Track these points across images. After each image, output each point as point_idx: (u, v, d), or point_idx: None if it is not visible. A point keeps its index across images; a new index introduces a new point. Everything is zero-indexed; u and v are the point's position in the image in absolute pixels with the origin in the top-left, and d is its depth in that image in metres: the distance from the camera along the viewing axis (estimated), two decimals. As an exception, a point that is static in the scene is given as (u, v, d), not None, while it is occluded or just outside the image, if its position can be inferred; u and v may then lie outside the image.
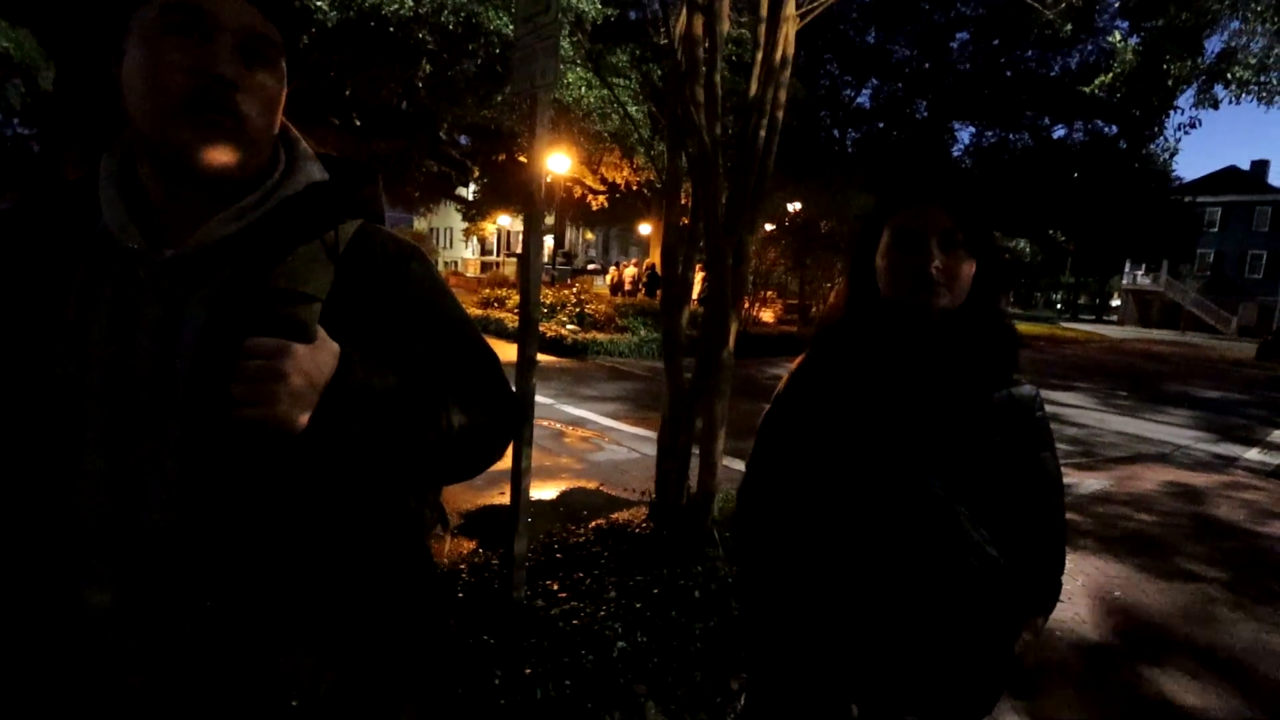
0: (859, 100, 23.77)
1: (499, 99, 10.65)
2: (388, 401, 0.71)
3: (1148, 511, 4.38)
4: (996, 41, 21.83)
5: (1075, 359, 15.36)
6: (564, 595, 2.52)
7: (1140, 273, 37.16)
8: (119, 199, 0.70)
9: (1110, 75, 7.07)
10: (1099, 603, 3.06)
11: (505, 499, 3.25)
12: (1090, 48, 20.73)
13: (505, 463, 1.28)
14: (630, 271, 18.55)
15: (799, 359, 1.11)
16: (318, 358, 0.66)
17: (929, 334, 0.96)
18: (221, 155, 0.67)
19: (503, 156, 14.59)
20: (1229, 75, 6.69)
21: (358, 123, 11.42)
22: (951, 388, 0.94)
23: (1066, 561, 1.08)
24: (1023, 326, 22.51)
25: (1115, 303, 39.91)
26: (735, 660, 2.23)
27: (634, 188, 13.76)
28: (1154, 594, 3.18)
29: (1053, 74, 21.93)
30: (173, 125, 0.65)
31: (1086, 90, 7.87)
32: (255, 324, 0.66)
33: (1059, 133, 23.67)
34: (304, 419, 0.65)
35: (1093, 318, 37.18)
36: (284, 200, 0.72)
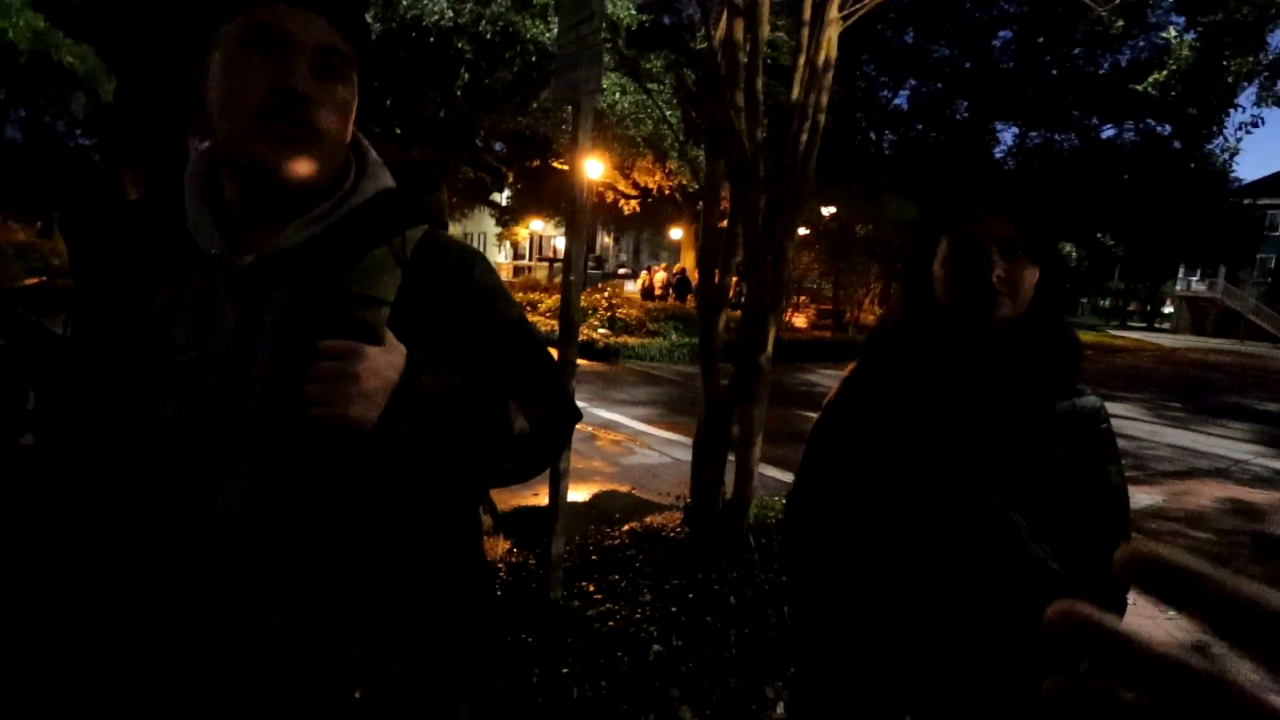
0: (896, 102, 23.39)
1: (534, 106, 10.79)
2: (453, 402, 0.73)
3: (1204, 529, 4.20)
4: (1041, 39, 21.23)
5: (1125, 368, 14.81)
6: (599, 597, 2.54)
7: (1195, 278, 35.68)
8: (202, 206, 0.73)
9: (1165, 73, 6.82)
10: (1151, 624, 2.94)
11: (539, 500, 3.28)
12: (1143, 44, 20.01)
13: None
14: (660, 276, 18.56)
15: (851, 366, 1.10)
16: (387, 359, 0.68)
17: (990, 344, 0.94)
18: (297, 165, 0.70)
19: (537, 162, 14.77)
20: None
21: (398, 131, 11.70)
22: (1013, 398, 0.92)
23: (1119, 580, 1.04)
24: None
25: (1168, 310, 38.31)
26: (771, 668, 2.22)
27: (666, 192, 13.77)
28: (1210, 613, 3.05)
29: (1102, 72, 21.22)
30: (251, 136, 0.69)
31: (1139, 89, 7.60)
32: (328, 326, 0.68)
33: (1108, 133, 22.90)
34: (374, 418, 0.67)
35: (1144, 325, 35.78)
36: (355, 207, 0.75)
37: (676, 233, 20.01)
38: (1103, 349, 19.22)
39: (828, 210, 13.80)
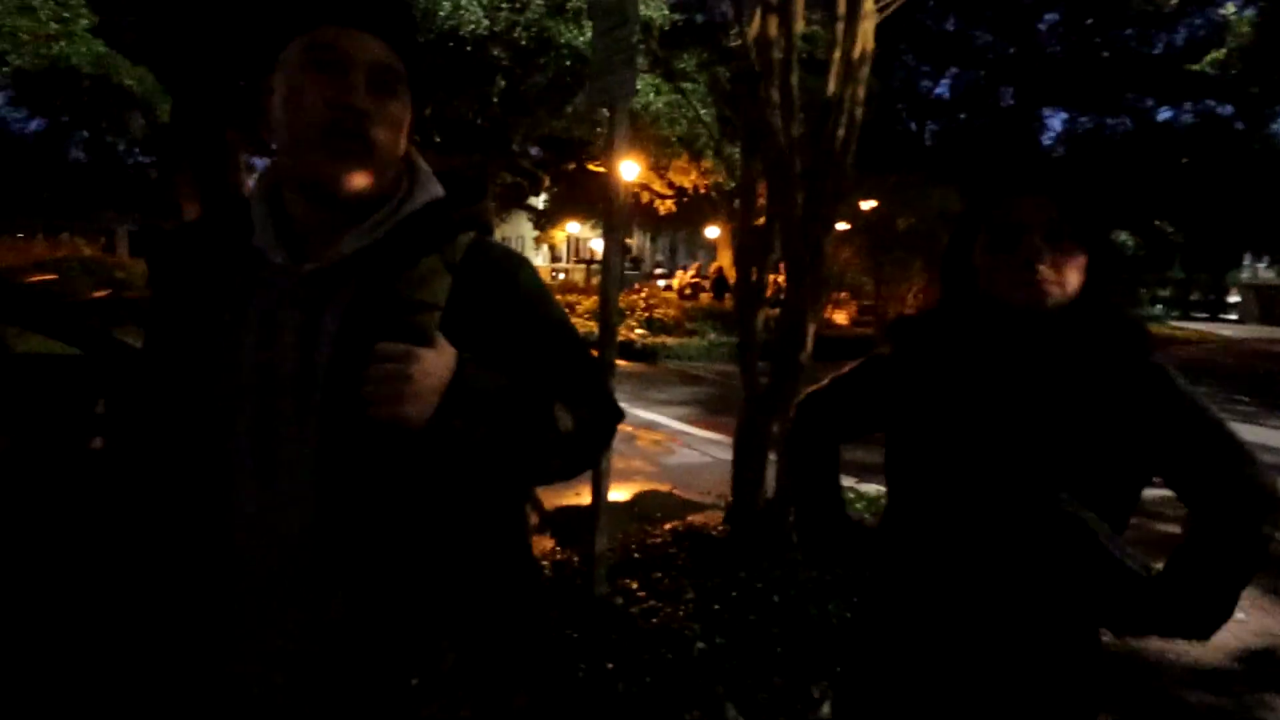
0: (938, 91, 22.79)
1: (569, 109, 10.88)
2: (501, 402, 0.76)
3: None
4: (1090, 21, 20.41)
5: (1188, 360, 14.12)
6: (643, 594, 2.56)
7: (1263, 265, 33.78)
8: (268, 219, 0.78)
9: (1223, 51, 6.50)
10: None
11: (582, 499, 3.32)
12: (1199, 22, 19.05)
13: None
14: (686, 276, 18.50)
15: (880, 349, 1.06)
16: (439, 361, 0.71)
17: (1038, 333, 0.90)
18: (355, 177, 0.74)
19: (572, 165, 14.89)
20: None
21: (437, 139, 11.96)
22: (1072, 389, 0.88)
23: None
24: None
25: (1233, 299, 36.34)
26: (816, 666, 2.20)
27: (702, 191, 13.73)
28: (1283, 616, 2.90)
29: (1155, 52, 20.28)
30: (312, 151, 0.73)
31: (1195, 68, 7.25)
32: (384, 330, 0.72)
33: (1163, 115, 21.86)
34: (427, 417, 0.70)
35: (1207, 316, 34.01)
36: (408, 216, 0.79)
37: (713, 231, 19.92)
38: (1163, 340, 18.31)
39: (868, 204, 13.54)
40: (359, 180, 0.74)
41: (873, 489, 3.82)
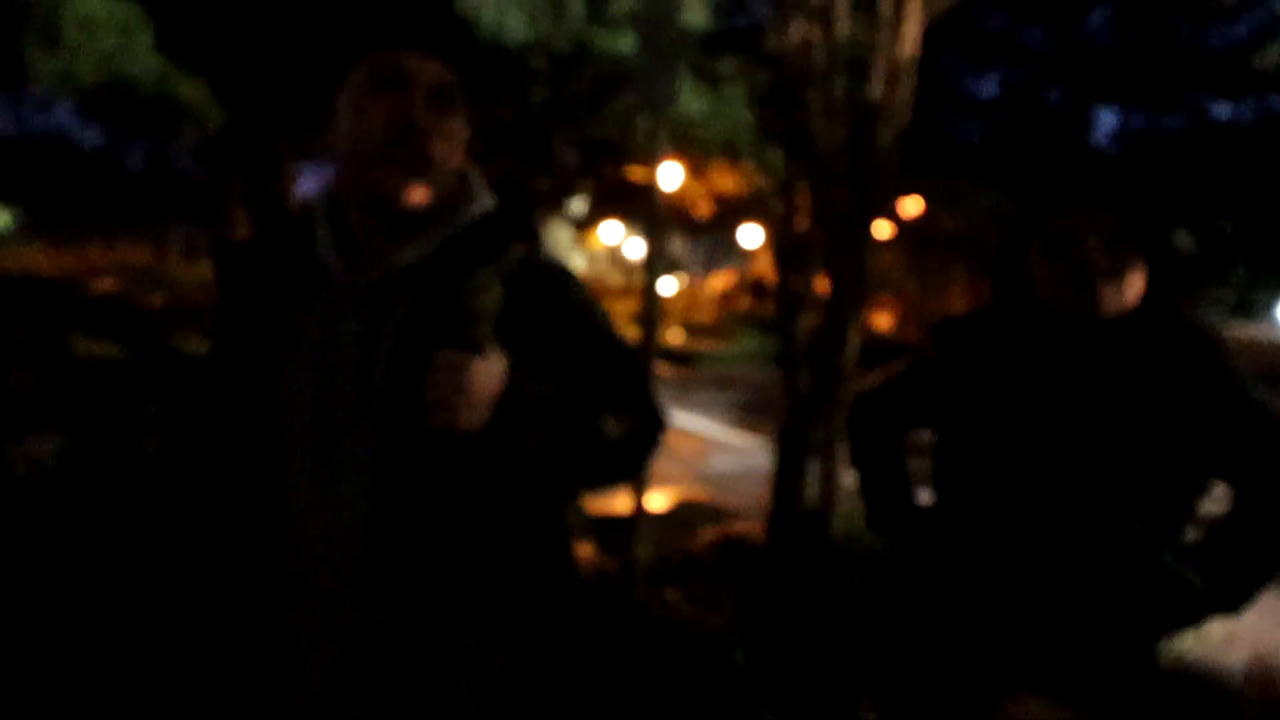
0: (984, 91, 22.26)
1: (608, 115, 10.95)
2: (551, 409, 0.77)
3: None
4: (1143, 15, 19.69)
5: (1256, 367, 13.44)
6: (682, 603, 2.55)
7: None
8: (329, 232, 0.82)
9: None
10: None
11: (619, 506, 3.33)
12: (1261, 14, 18.17)
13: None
14: (723, 280, 18.44)
15: (919, 360, 1.05)
16: (492, 370, 0.73)
17: (1096, 343, 0.88)
18: (414, 191, 0.77)
19: (611, 171, 14.97)
20: None
21: (480, 148, 12.16)
22: (1135, 399, 0.86)
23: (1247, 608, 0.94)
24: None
25: (1299, 302, 34.58)
26: (860, 681, 2.16)
27: (741, 195, 13.66)
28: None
29: (1213, 46, 19.44)
30: (375, 165, 0.76)
31: (1256, 62, 6.90)
32: (439, 340, 0.74)
33: (1222, 111, 20.93)
34: (481, 424, 0.72)
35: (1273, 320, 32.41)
36: (463, 228, 0.81)
37: (749, 235, 19.83)
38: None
39: (912, 207, 13.27)
40: (419, 193, 0.77)
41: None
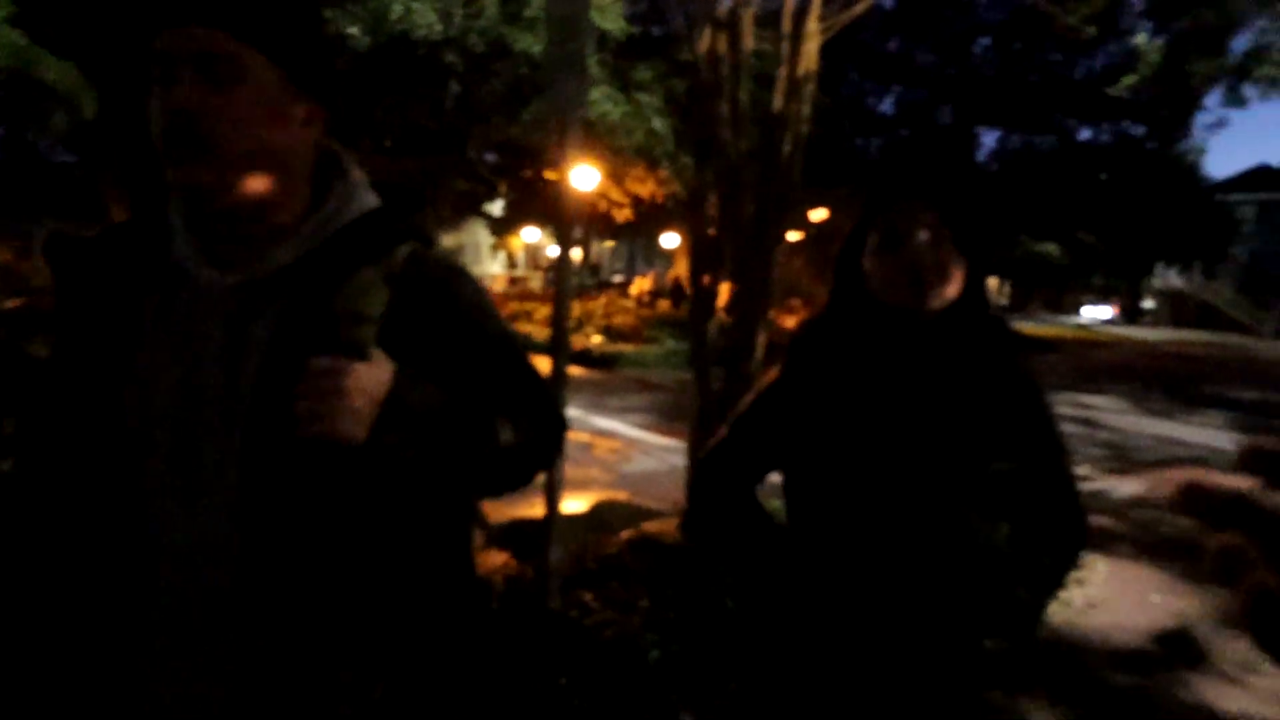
0: (882, 108, 23.68)
1: (525, 116, 10.81)
2: (440, 416, 0.73)
3: (1185, 515, 4.28)
4: (1018, 46, 21.62)
5: (1106, 362, 15.00)
6: (597, 605, 2.56)
7: (1173, 273, 36.20)
8: (186, 232, 0.75)
9: (1136, 76, 6.98)
10: (1137, 608, 3.00)
11: (535, 511, 3.29)
12: (1116, 49, 20.43)
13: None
14: (643, 284, 18.66)
15: (772, 371, 1.07)
16: (374, 375, 0.68)
17: (918, 335, 0.94)
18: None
19: (529, 172, 14.79)
20: (1256, 73, 6.57)
21: (388, 144, 11.69)
22: (949, 385, 0.94)
23: (1102, 566, 1.07)
24: (1051, 330, 22.08)
25: (1148, 305, 38.82)
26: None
27: (659, 200, 13.85)
28: (1192, 598, 3.12)
29: (1078, 76, 21.63)
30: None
31: (1112, 92, 7.76)
32: (317, 344, 0.69)
33: (1085, 134, 23.33)
34: (362, 433, 0.67)
35: (1125, 320, 36.32)
36: (342, 227, 0.76)
37: (671, 240, 20.13)
38: (1086, 344, 19.48)
39: (818, 215, 13.93)
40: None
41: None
